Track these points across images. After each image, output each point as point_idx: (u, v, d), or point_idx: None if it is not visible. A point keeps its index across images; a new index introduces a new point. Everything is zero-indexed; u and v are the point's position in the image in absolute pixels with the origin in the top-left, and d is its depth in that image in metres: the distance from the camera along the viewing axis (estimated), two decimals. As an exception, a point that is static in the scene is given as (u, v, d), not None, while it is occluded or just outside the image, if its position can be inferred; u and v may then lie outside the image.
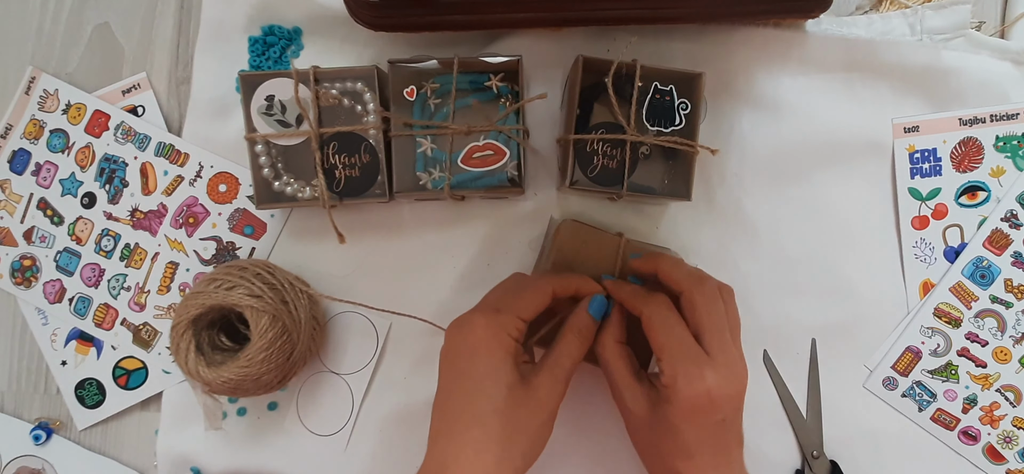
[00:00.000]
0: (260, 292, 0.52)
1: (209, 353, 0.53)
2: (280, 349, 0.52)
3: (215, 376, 0.51)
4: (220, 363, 0.52)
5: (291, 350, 0.53)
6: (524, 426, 0.45)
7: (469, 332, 0.46)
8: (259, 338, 0.51)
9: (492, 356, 0.45)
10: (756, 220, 0.57)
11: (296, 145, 0.53)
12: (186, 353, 0.52)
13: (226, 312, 0.53)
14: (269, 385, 0.53)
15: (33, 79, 0.60)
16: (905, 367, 0.57)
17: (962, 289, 0.56)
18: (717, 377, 0.44)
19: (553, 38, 0.56)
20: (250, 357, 0.51)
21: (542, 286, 0.48)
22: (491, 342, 0.45)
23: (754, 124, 0.57)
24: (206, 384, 0.52)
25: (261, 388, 0.53)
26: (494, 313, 0.46)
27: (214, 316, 0.53)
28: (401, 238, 0.58)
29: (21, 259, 0.61)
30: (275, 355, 0.52)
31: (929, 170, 0.57)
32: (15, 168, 0.61)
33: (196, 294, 0.52)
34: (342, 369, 0.59)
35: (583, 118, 0.51)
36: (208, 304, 0.51)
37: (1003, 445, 0.57)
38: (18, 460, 0.61)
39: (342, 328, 0.59)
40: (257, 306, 0.51)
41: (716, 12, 0.53)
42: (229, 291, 0.51)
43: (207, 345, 0.53)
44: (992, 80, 0.56)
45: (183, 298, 0.54)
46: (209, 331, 0.54)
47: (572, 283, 0.49)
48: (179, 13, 0.61)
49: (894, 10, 0.57)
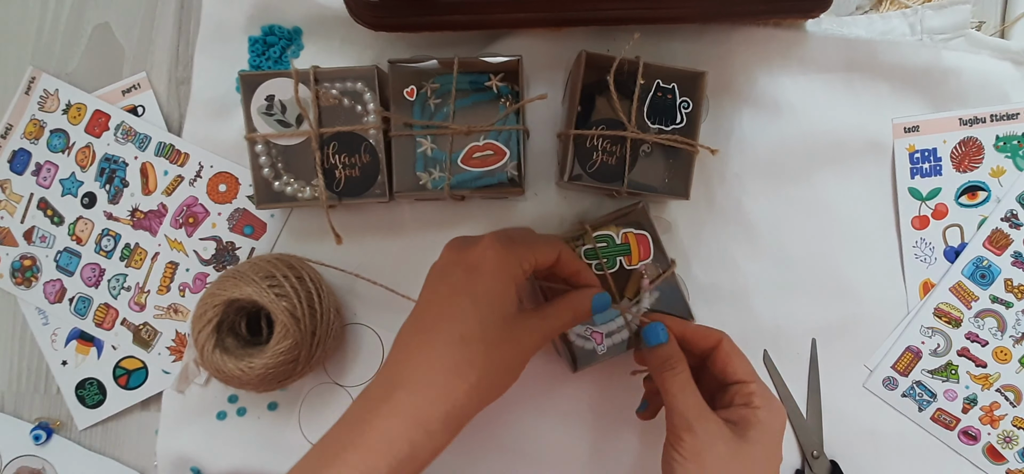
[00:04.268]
0: (290, 292, 0.52)
1: (231, 343, 0.53)
2: (290, 354, 0.52)
3: (233, 365, 0.51)
4: (239, 354, 0.52)
5: (308, 353, 0.53)
6: (504, 362, 0.43)
7: (474, 247, 0.44)
8: (278, 342, 0.51)
9: (497, 279, 0.43)
10: (756, 220, 0.57)
11: (296, 145, 0.53)
12: (209, 338, 0.52)
13: (249, 306, 0.53)
14: (279, 380, 0.53)
15: (33, 79, 0.60)
16: (905, 367, 0.57)
17: (962, 289, 0.56)
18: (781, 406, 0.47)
19: (553, 38, 0.56)
20: (272, 353, 0.51)
21: (553, 244, 0.48)
22: (499, 264, 0.43)
23: (754, 124, 0.57)
24: (221, 374, 0.52)
25: (264, 385, 0.53)
26: (508, 241, 0.44)
27: (240, 307, 0.53)
28: (401, 238, 0.58)
29: (21, 259, 0.61)
30: (286, 360, 0.52)
31: (929, 170, 0.57)
32: (15, 168, 0.61)
33: (225, 284, 0.52)
34: (347, 381, 0.59)
35: (584, 114, 0.51)
36: (235, 296, 0.51)
37: (1003, 445, 0.57)
38: (18, 460, 0.61)
39: (348, 340, 0.59)
40: (286, 308, 0.51)
41: (716, 12, 0.53)
42: (266, 288, 0.51)
43: (229, 334, 0.53)
44: (992, 80, 0.56)
45: (209, 289, 0.54)
46: (235, 319, 0.54)
47: (574, 264, 0.49)
48: (179, 13, 0.61)
49: (894, 10, 0.57)
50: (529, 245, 0.46)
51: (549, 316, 0.46)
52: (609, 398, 0.57)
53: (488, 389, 0.43)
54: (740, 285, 0.57)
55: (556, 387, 0.57)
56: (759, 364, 0.57)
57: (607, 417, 0.57)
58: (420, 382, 0.41)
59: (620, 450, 0.57)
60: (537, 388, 0.57)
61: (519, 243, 0.45)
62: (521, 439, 0.58)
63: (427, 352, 0.42)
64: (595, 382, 0.57)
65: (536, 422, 0.58)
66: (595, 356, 0.54)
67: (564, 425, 0.58)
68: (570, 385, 0.57)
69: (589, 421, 0.57)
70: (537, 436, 0.58)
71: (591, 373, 0.54)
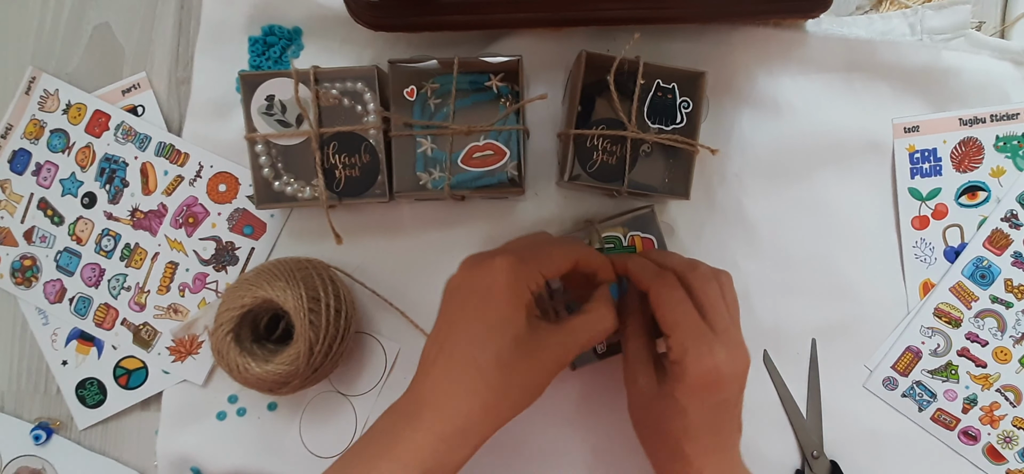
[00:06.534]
0: (322, 310, 0.52)
1: (244, 336, 0.53)
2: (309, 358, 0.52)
3: (256, 367, 0.51)
4: (256, 355, 0.52)
5: (324, 356, 0.53)
6: (521, 381, 0.45)
7: (488, 272, 0.45)
8: (296, 354, 0.51)
9: (507, 304, 0.44)
10: (756, 220, 0.57)
11: (296, 145, 0.53)
12: (231, 343, 0.52)
13: (278, 309, 0.53)
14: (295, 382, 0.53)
15: (33, 79, 0.60)
16: (905, 367, 0.57)
17: (962, 289, 0.56)
18: (725, 355, 0.44)
19: (553, 38, 0.56)
20: (289, 356, 0.51)
21: (568, 250, 0.48)
22: (509, 289, 0.44)
23: (754, 124, 0.57)
24: (236, 370, 0.52)
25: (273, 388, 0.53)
26: (518, 260, 0.45)
27: (269, 308, 0.53)
28: (401, 238, 0.58)
29: (21, 259, 0.61)
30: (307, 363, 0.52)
31: (929, 170, 0.57)
32: (15, 168, 0.61)
33: (245, 287, 0.52)
34: (349, 391, 0.59)
35: (584, 114, 0.51)
36: (260, 296, 0.51)
37: (1003, 445, 0.57)
38: (18, 460, 0.61)
39: (352, 349, 0.58)
40: (313, 324, 0.51)
41: (716, 12, 0.53)
42: (303, 300, 0.51)
43: (244, 326, 0.53)
44: (992, 80, 0.56)
45: (230, 288, 0.54)
46: (258, 314, 0.54)
47: (595, 259, 0.49)
48: (179, 13, 0.61)
49: (894, 10, 0.57)
50: (540, 260, 0.46)
51: (570, 332, 0.46)
52: (608, 397, 0.57)
53: (507, 407, 0.45)
54: (740, 285, 0.56)
55: (555, 386, 0.57)
56: (759, 364, 0.57)
57: (607, 416, 0.57)
58: (441, 401, 0.44)
59: (620, 450, 0.57)
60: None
61: (530, 261, 0.46)
62: (520, 439, 0.58)
63: (447, 372, 0.44)
64: (595, 381, 0.57)
65: (535, 421, 0.58)
66: (594, 355, 0.54)
67: (563, 425, 0.58)
68: (569, 384, 0.57)
69: (588, 421, 0.57)
70: (536, 435, 0.58)
71: (590, 372, 0.54)
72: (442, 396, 0.44)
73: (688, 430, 0.45)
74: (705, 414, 0.45)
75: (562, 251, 0.48)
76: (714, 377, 0.44)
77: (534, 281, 0.45)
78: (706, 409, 0.45)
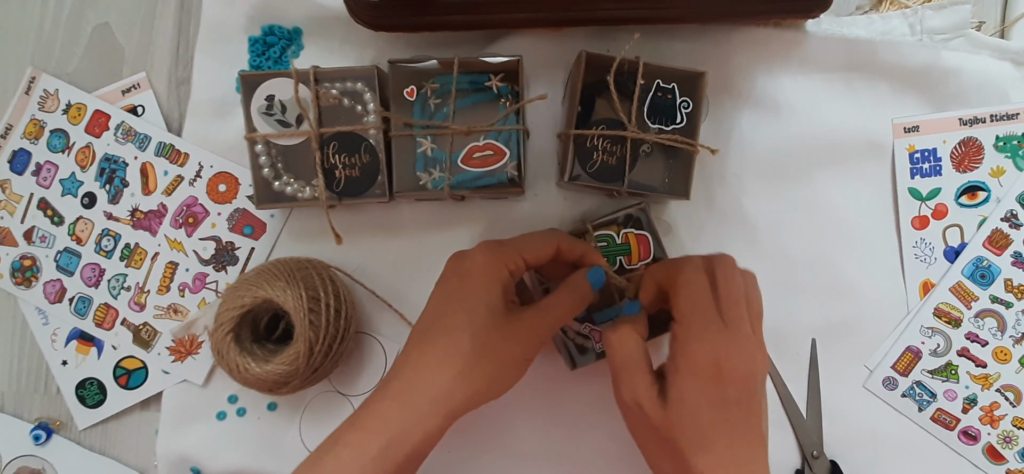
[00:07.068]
0: (322, 310, 0.52)
1: (244, 336, 0.53)
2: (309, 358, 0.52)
3: (255, 367, 0.52)
4: (256, 355, 0.52)
5: (323, 357, 0.53)
6: (495, 350, 0.45)
7: (467, 258, 0.47)
8: (296, 355, 0.51)
9: (482, 278, 0.46)
10: (756, 220, 0.57)
11: (296, 145, 0.53)
12: (231, 343, 0.52)
13: (278, 309, 0.53)
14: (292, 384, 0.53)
15: (33, 79, 0.60)
16: (905, 367, 0.57)
17: (962, 289, 0.56)
18: (729, 347, 0.42)
19: (553, 38, 0.56)
20: (288, 357, 0.51)
21: (549, 237, 0.49)
22: (485, 267, 0.46)
23: (754, 124, 0.57)
24: (238, 371, 0.52)
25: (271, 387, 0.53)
26: (496, 244, 0.47)
27: (269, 308, 0.53)
28: (401, 238, 0.58)
29: (21, 259, 0.61)
30: (307, 363, 0.52)
31: (929, 170, 0.57)
32: (15, 168, 0.61)
33: (246, 286, 0.52)
34: (349, 391, 0.59)
35: (584, 114, 0.51)
36: (260, 296, 0.51)
37: (1003, 445, 0.57)
38: (18, 460, 0.61)
39: (352, 349, 0.58)
40: (313, 324, 0.51)
41: (716, 12, 0.53)
42: (285, 289, 0.51)
43: (245, 326, 0.53)
44: (992, 80, 0.56)
45: (231, 287, 0.54)
46: (258, 313, 0.54)
47: (578, 247, 0.50)
48: (179, 13, 0.61)
49: (894, 10, 0.57)
50: (517, 246, 0.48)
51: (547, 308, 0.47)
52: (608, 397, 0.57)
53: (480, 377, 0.45)
54: (740, 285, 0.57)
55: (554, 386, 0.57)
56: (759, 364, 0.57)
57: (606, 416, 0.57)
58: (411, 373, 0.45)
59: (620, 449, 0.57)
60: (535, 387, 0.57)
61: (507, 246, 0.47)
62: (519, 438, 0.58)
63: (422, 348, 0.46)
64: (595, 381, 0.57)
65: (534, 421, 0.58)
66: (594, 355, 0.54)
67: (564, 425, 0.58)
68: (568, 384, 0.57)
69: (588, 420, 0.57)
70: (535, 435, 0.58)
71: (589, 372, 0.54)
72: (412, 367, 0.45)
73: (699, 439, 0.42)
74: (714, 415, 0.41)
75: (543, 238, 0.49)
76: (713, 368, 0.41)
77: (512, 261, 0.47)
78: (714, 408, 0.41)
